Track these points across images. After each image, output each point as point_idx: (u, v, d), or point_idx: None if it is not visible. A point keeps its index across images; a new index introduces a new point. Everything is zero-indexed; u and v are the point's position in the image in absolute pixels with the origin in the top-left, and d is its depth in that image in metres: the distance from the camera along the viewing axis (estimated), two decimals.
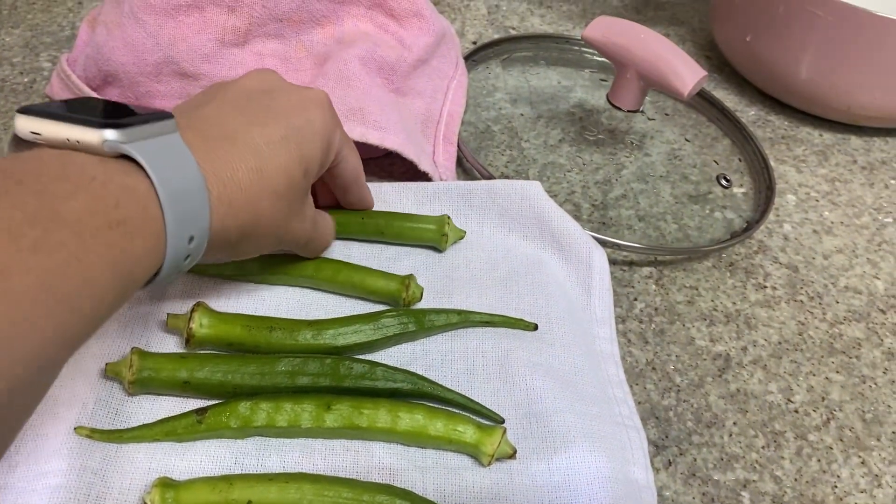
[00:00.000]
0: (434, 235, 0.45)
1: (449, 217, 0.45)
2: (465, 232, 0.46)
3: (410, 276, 0.42)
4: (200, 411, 0.36)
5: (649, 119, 0.62)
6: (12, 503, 0.33)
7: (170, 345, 0.39)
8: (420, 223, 0.45)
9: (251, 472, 0.35)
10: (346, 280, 0.42)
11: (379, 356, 0.40)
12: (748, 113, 0.66)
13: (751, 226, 0.53)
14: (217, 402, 0.36)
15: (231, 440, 0.36)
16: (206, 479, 0.34)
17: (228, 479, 0.33)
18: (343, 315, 0.41)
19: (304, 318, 0.40)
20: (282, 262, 0.42)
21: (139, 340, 0.39)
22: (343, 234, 0.45)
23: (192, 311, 0.38)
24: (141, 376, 0.36)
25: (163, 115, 0.30)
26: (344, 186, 0.42)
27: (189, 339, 0.38)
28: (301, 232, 0.38)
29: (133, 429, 0.36)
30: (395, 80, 0.51)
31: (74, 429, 0.35)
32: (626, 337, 0.46)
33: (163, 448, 0.35)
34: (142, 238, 0.27)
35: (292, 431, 0.36)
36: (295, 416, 0.36)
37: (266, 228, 0.34)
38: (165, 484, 0.33)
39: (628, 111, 0.54)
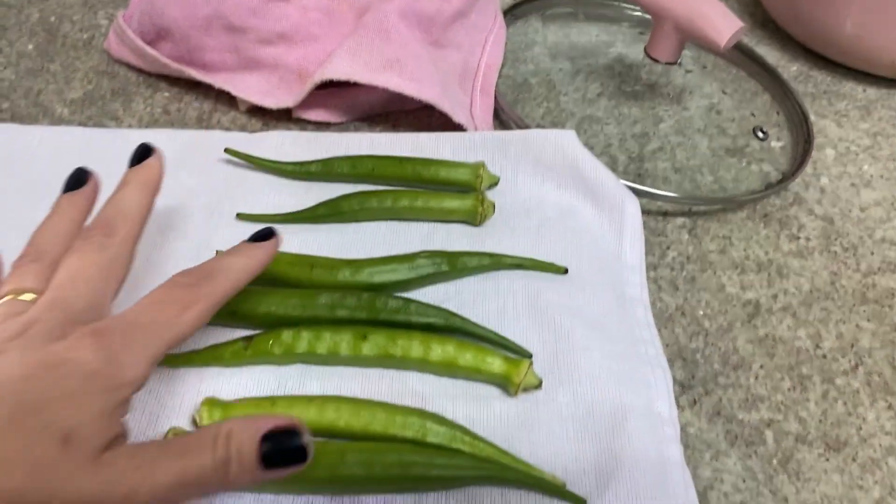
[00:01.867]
0: (469, 178, 0.46)
1: (484, 163, 0.47)
2: (498, 177, 0.47)
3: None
4: (246, 339, 0.38)
5: (687, 72, 0.62)
6: None
7: None
8: (456, 167, 0.47)
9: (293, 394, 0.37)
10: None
11: (413, 295, 0.42)
12: (790, 69, 0.65)
13: (786, 177, 0.53)
14: (262, 331, 0.39)
15: (274, 366, 0.38)
16: (250, 398, 0.36)
17: (271, 399, 0.36)
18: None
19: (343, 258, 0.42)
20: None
21: None
22: (381, 179, 0.47)
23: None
24: None
25: None
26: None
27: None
28: (130, 495, 0.25)
29: (184, 353, 0.38)
30: (434, 32, 0.52)
31: None
32: (656, 284, 0.47)
33: (211, 372, 0.38)
34: None
35: (331, 359, 0.38)
36: (334, 344, 0.38)
37: None
38: (213, 403, 0.36)
39: (666, 63, 0.55)
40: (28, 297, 0.30)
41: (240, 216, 0.45)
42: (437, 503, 0.34)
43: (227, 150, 0.47)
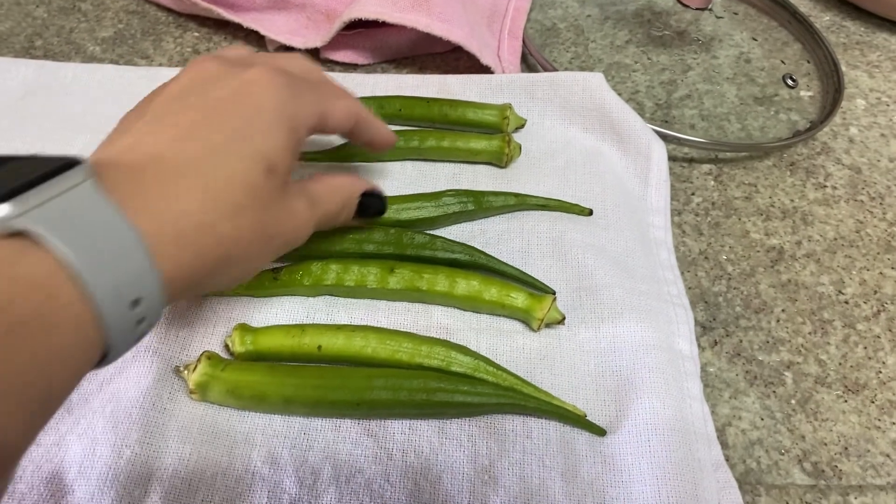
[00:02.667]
0: (496, 120, 0.46)
1: (511, 105, 0.47)
2: (525, 120, 0.47)
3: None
4: (276, 269, 0.39)
5: (717, 18, 0.61)
6: None
7: None
8: (483, 109, 0.47)
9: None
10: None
11: (439, 233, 0.43)
12: (822, 18, 0.64)
13: (815, 126, 0.52)
14: (290, 263, 0.40)
15: (303, 297, 0.39)
16: (280, 326, 0.37)
17: (301, 327, 0.37)
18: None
19: None
20: None
21: None
22: (408, 120, 0.47)
23: None
24: None
25: (67, 163, 0.23)
26: (348, 135, 0.38)
27: None
28: (299, 224, 0.33)
29: None
30: None
31: None
32: (680, 228, 0.47)
33: (242, 302, 0.39)
34: (59, 330, 0.21)
35: (359, 291, 0.39)
36: (361, 276, 0.39)
37: (243, 246, 0.28)
38: (244, 328, 0.37)
39: (696, 8, 0.54)
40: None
41: None
42: (460, 429, 0.35)
43: None
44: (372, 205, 0.38)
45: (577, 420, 0.35)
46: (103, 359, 0.24)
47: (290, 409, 0.35)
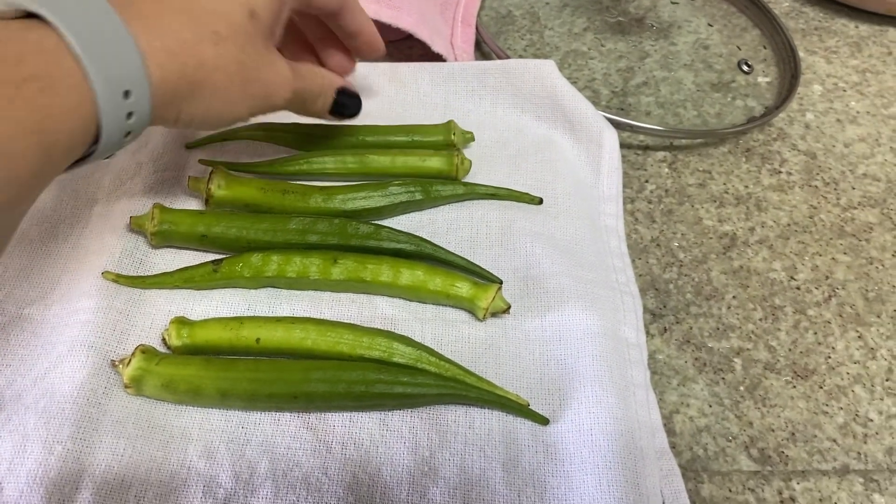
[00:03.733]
0: (443, 140, 0.45)
1: (454, 121, 0.46)
2: (472, 133, 0.46)
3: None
4: (216, 262, 0.38)
5: (673, 3, 0.61)
6: (48, 335, 0.36)
7: (191, 206, 0.42)
8: (426, 132, 0.45)
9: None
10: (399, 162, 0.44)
11: (386, 223, 0.42)
12: (781, 4, 0.64)
13: (770, 111, 0.52)
14: (231, 254, 0.39)
15: (245, 290, 0.39)
16: (218, 318, 0.37)
17: (239, 320, 0.36)
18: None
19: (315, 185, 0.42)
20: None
21: (163, 200, 0.41)
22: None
23: (211, 174, 0.41)
24: (162, 229, 0.39)
25: None
26: (332, 16, 0.39)
27: (208, 200, 0.41)
28: (279, 81, 0.35)
29: (154, 276, 0.38)
30: None
31: (102, 273, 0.38)
32: (633, 216, 0.47)
33: (182, 294, 0.38)
34: (60, 93, 0.25)
35: (301, 282, 0.38)
36: (304, 268, 0.38)
37: (221, 77, 0.31)
38: (181, 322, 0.36)
39: None
40: None
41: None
42: (402, 420, 0.34)
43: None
44: (349, 104, 0.41)
45: (519, 409, 0.35)
46: (95, 145, 0.28)
47: (227, 402, 0.34)
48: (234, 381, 0.34)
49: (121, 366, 0.34)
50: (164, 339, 0.36)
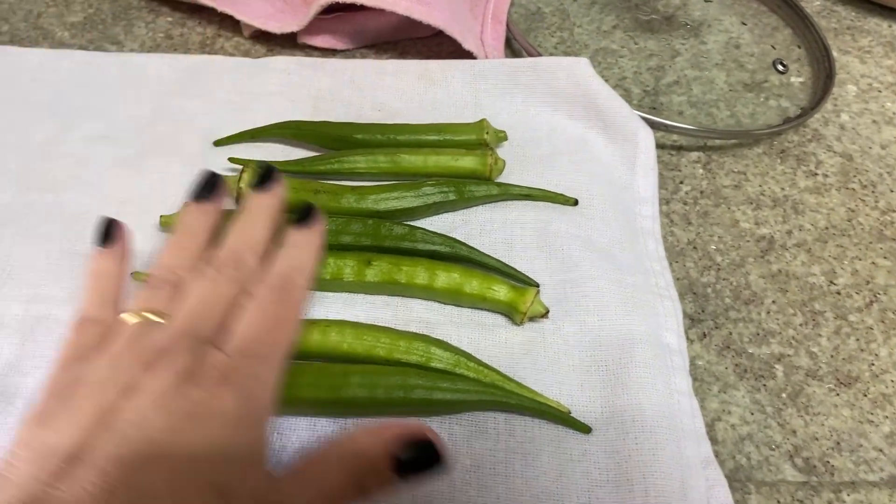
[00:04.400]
0: (476, 137, 0.44)
1: (486, 119, 0.45)
2: (505, 132, 0.45)
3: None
4: None
5: (706, 2, 0.60)
6: None
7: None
8: (459, 131, 0.44)
9: None
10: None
11: (419, 224, 0.41)
12: (813, 3, 0.63)
13: (806, 112, 0.51)
14: None
15: None
16: None
17: None
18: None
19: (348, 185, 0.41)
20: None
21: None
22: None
23: (242, 172, 0.40)
24: None
25: None
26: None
27: (239, 198, 0.40)
28: None
29: None
30: None
31: (132, 274, 0.37)
32: (668, 217, 0.46)
33: None
34: None
35: (334, 284, 0.37)
36: (337, 269, 0.37)
37: None
38: None
39: None
40: (158, 318, 0.30)
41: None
42: (441, 428, 0.34)
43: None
44: (419, 459, 0.28)
45: (561, 417, 0.34)
46: None
47: None
48: None
49: None
50: None
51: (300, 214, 0.34)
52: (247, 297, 0.31)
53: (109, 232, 0.35)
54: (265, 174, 0.35)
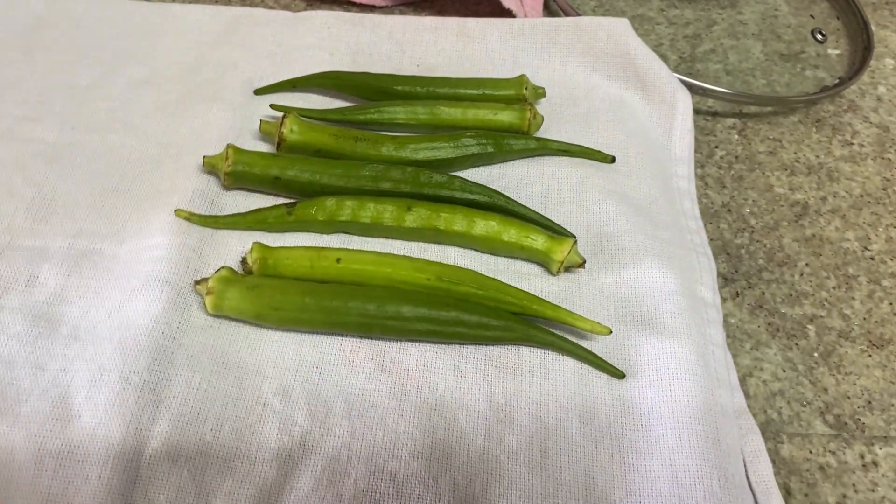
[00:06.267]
0: (514, 92, 0.44)
1: (526, 76, 0.45)
2: (544, 88, 0.45)
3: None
4: (290, 205, 0.38)
5: None
6: (121, 270, 0.36)
7: (262, 150, 0.41)
8: (498, 86, 0.45)
9: None
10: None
11: (456, 175, 0.41)
12: None
13: (843, 81, 0.51)
14: (304, 199, 0.39)
15: (316, 234, 0.38)
16: (299, 246, 0.37)
17: (317, 249, 0.36)
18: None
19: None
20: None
21: (233, 143, 0.41)
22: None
23: (284, 118, 0.40)
24: (236, 169, 0.38)
25: None
26: None
27: (280, 144, 0.40)
28: None
29: (227, 216, 0.38)
30: None
31: (174, 211, 0.38)
32: (703, 181, 0.46)
33: (254, 237, 0.38)
34: None
35: (374, 229, 0.38)
36: (377, 214, 0.38)
37: None
38: (263, 246, 0.36)
39: None
40: None
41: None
42: (476, 368, 0.34)
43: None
44: None
45: (595, 361, 0.34)
46: None
47: (304, 318, 0.34)
48: (317, 296, 0.34)
49: (201, 285, 0.34)
50: (243, 262, 0.36)
51: None
52: None
53: None
54: None
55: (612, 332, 0.34)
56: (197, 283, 0.34)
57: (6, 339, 0.34)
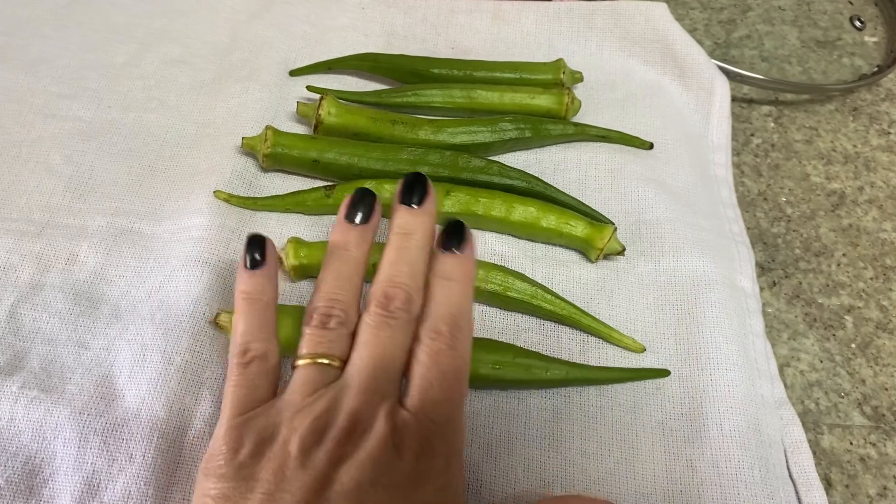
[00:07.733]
0: (552, 77, 0.44)
1: (563, 60, 0.44)
2: (581, 73, 0.45)
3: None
4: (328, 187, 0.38)
5: None
6: (160, 249, 0.36)
7: (299, 132, 0.41)
8: (535, 70, 0.44)
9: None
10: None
11: (494, 159, 0.41)
12: None
13: (882, 69, 0.50)
14: (343, 181, 0.38)
15: None
16: None
17: None
18: None
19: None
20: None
21: (271, 124, 0.41)
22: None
23: (321, 100, 0.40)
24: (274, 151, 0.38)
25: None
26: None
27: (317, 126, 0.40)
28: None
29: (266, 197, 0.38)
30: None
31: (213, 192, 0.37)
32: (739, 169, 0.46)
33: (292, 218, 0.38)
34: None
35: None
36: None
37: None
38: (298, 242, 0.36)
39: None
40: (332, 362, 0.28)
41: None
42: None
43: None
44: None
45: (638, 372, 0.34)
46: None
47: None
48: None
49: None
50: (279, 258, 0.36)
51: (450, 233, 0.29)
52: (417, 344, 0.28)
53: (263, 252, 0.30)
54: (414, 182, 0.30)
55: (645, 349, 0.34)
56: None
57: (49, 317, 0.34)
